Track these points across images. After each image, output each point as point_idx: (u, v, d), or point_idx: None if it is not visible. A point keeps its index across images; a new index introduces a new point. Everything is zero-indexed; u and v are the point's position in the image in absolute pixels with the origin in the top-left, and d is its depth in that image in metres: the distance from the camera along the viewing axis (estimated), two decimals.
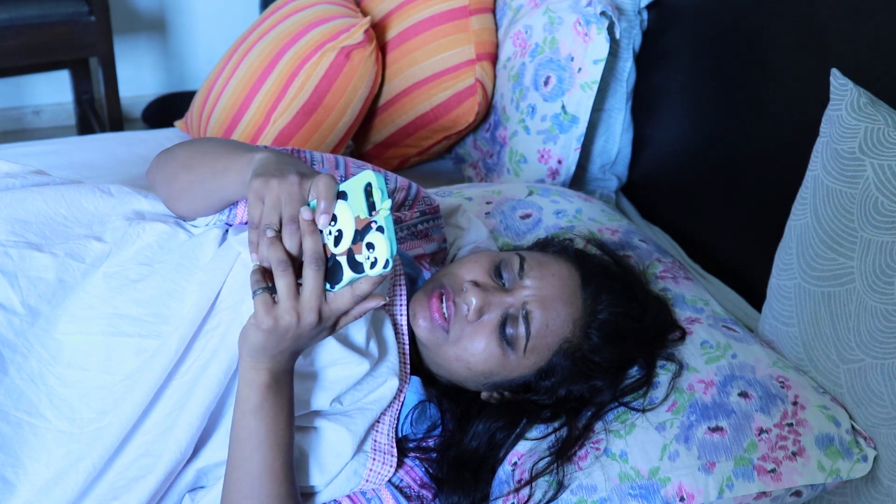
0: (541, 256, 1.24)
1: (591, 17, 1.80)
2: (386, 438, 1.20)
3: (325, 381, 1.15)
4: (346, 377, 1.15)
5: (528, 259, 1.22)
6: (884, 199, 1.17)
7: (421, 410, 1.25)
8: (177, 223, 1.25)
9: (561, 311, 1.20)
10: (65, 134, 3.17)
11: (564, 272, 1.22)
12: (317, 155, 1.32)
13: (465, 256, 1.27)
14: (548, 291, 1.20)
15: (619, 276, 1.29)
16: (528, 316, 1.18)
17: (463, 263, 1.24)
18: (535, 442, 1.24)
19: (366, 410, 1.17)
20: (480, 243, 1.49)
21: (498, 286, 1.21)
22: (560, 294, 1.20)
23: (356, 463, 1.17)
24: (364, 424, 1.17)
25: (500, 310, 1.19)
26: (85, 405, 1.11)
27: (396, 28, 2.06)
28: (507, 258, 1.23)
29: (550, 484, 1.20)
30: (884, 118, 1.20)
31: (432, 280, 1.25)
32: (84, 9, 2.64)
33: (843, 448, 1.20)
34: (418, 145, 2.10)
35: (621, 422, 1.24)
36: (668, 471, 1.19)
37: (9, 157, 2.07)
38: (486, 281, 1.21)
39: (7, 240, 1.16)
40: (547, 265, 1.22)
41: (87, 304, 1.15)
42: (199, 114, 2.13)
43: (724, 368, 1.27)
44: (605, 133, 2.00)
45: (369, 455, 1.18)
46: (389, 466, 1.19)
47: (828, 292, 1.25)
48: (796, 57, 1.53)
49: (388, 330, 1.22)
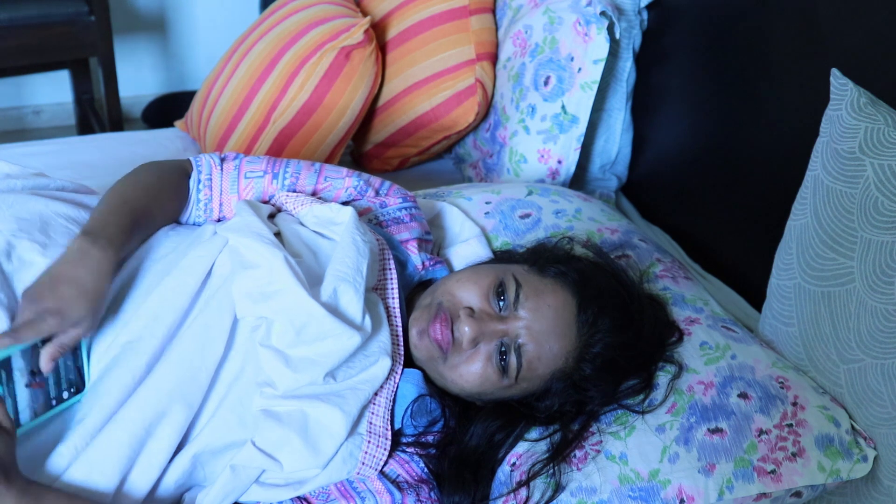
0: (538, 282, 1.24)
1: (591, 17, 1.80)
2: (381, 421, 1.20)
3: (318, 356, 1.14)
4: (339, 350, 1.15)
5: (524, 286, 1.22)
6: (884, 199, 1.17)
7: (420, 404, 1.25)
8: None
9: (554, 346, 1.21)
10: (65, 134, 3.17)
11: (560, 302, 1.22)
12: (292, 163, 1.36)
13: (466, 272, 1.28)
14: (542, 325, 1.20)
15: (615, 297, 1.26)
16: (520, 349, 1.20)
17: (462, 283, 1.24)
18: (533, 443, 1.25)
19: (358, 390, 1.17)
20: (473, 241, 1.49)
21: (494, 313, 1.22)
22: (554, 328, 1.21)
23: (351, 445, 1.17)
24: (357, 405, 1.16)
25: (495, 339, 1.21)
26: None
27: (396, 28, 2.06)
28: (506, 280, 1.23)
29: (548, 485, 1.20)
30: (884, 118, 1.20)
31: (431, 296, 1.26)
32: (84, 9, 2.65)
33: (843, 448, 1.20)
34: (418, 145, 2.10)
35: (621, 423, 1.24)
36: (667, 473, 1.19)
37: (9, 157, 2.07)
38: (483, 306, 1.22)
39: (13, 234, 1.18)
40: (543, 295, 1.22)
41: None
42: (199, 114, 2.13)
43: (724, 369, 1.27)
44: (605, 133, 2.00)
45: (364, 438, 1.18)
46: (384, 450, 1.19)
47: (828, 292, 1.25)
48: (796, 57, 1.53)
49: (381, 312, 1.23)
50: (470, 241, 1.49)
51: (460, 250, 1.48)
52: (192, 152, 2.18)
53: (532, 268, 1.27)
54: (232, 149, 2.00)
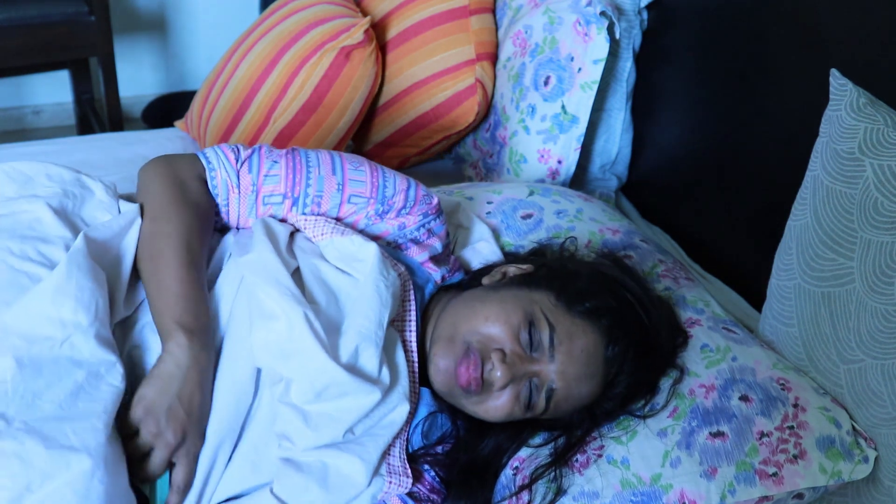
0: (569, 323, 1.19)
1: (591, 17, 1.80)
2: (399, 461, 1.18)
3: (337, 413, 1.12)
4: (358, 408, 1.13)
5: (557, 329, 1.18)
6: (883, 200, 1.17)
7: (432, 421, 1.24)
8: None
9: (583, 389, 1.20)
10: (65, 134, 3.17)
11: (592, 346, 1.19)
12: (312, 154, 1.30)
13: (492, 307, 1.21)
14: (575, 369, 1.19)
15: (639, 328, 1.23)
16: (551, 393, 1.19)
17: (492, 321, 1.19)
18: (536, 447, 1.25)
19: (377, 437, 1.15)
20: (485, 241, 1.48)
21: (525, 355, 1.19)
22: (586, 371, 1.19)
23: (373, 487, 1.15)
24: (377, 451, 1.15)
25: (526, 380, 1.19)
26: None
27: (396, 28, 2.06)
28: (536, 319, 1.19)
29: (550, 489, 1.20)
30: (883, 118, 1.20)
31: (453, 327, 1.22)
32: (84, 9, 2.64)
33: (845, 450, 1.20)
34: (418, 145, 2.10)
35: (622, 428, 1.24)
36: (669, 477, 1.19)
37: (9, 157, 2.08)
38: (514, 348, 1.18)
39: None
40: (575, 338, 1.19)
41: None
42: (199, 114, 2.13)
43: (725, 372, 1.27)
44: (605, 133, 2.00)
45: (385, 479, 1.16)
46: (405, 487, 1.18)
47: (828, 292, 1.25)
48: (796, 57, 1.53)
49: (399, 355, 1.20)
50: (481, 242, 1.48)
51: (475, 254, 1.46)
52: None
53: (559, 302, 1.21)
54: None
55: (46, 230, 1.17)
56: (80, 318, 1.07)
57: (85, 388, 1.04)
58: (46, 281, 1.08)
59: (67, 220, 1.20)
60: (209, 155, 1.27)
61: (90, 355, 1.06)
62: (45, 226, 1.17)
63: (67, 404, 1.02)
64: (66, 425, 1.00)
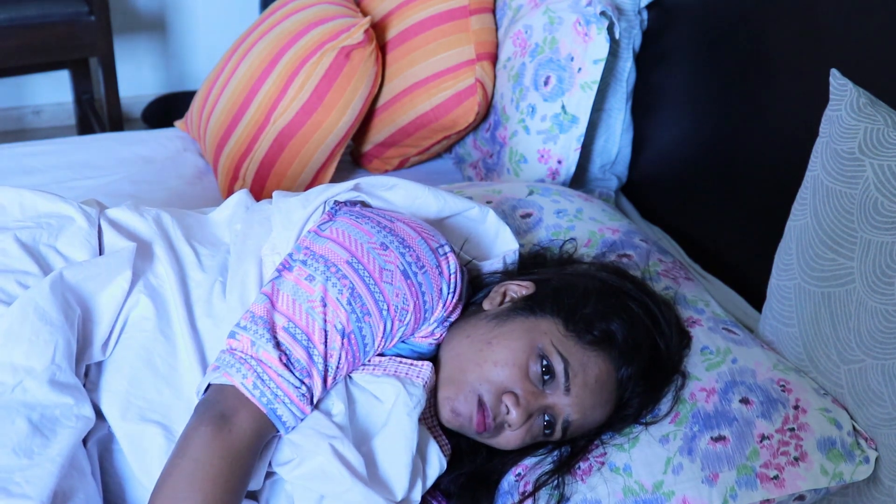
0: (581, 354, 1.16)
1: (591, 17, 1.80)
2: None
3: None
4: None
5: (570, 362, 1.16)
6: (883, 200, 1.17)
7: None
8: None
9: (597, 415, 1.20)
10: (65, 134, 3.17)
11: (605, 374, 1.18)
12: (367, 330, 1.13)
13: (500, 351, 1.16)
14: (591, 400, 1.18)
15: (650, 348, 1.22)
16: (568, 424, 1.19)
17: (500, 366, 1.15)
18: (538, 455, 1.25)
19: None
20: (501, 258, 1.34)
21: (538, 391, 1.16)
22: (600, 400, 1.19)
23: None
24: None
25: (540, 415, 1.18)
26: None
27: (396, 28, 2.06)
28: (549, 353, 1.15)
29: (553, 496, 1.20)
30: (883, 118, 1.20)
31: (462, 373, 1.17)
32: (84, 9, 2.65)
33: (846, 451, 1.20)
34: (418, 145, 2.10)
35: (624, 435, 1.24)
36: (672, 484, 1.19)
37: (8, 156, 2.08)
38: (526, 386, 1.16)
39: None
40: (588, 369, 1.16)
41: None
42: (199, 114, 2.13)
43: (725, 374, 1.27)
44: (605, 133, 2.00)
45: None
46: None
47: (828, 293, 1.25)
48: (796, 57, 1.53)
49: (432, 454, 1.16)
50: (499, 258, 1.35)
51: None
52: (192, 152, 2.17)
53: (569, 332, 1.17)
54: (232, 149, 2.00)
55: (11, 264, 1.14)
56: (34, 364, 1.04)
57: (41, 430, 1.02)
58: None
59: (37, 253, 1.16)
60: (280, 412, 1.08)
61: (44, 399, 1.03)
62: (10, 259, 1.14)
63: (22, 449, 1.00)
64: (18, 474, 0.98)
